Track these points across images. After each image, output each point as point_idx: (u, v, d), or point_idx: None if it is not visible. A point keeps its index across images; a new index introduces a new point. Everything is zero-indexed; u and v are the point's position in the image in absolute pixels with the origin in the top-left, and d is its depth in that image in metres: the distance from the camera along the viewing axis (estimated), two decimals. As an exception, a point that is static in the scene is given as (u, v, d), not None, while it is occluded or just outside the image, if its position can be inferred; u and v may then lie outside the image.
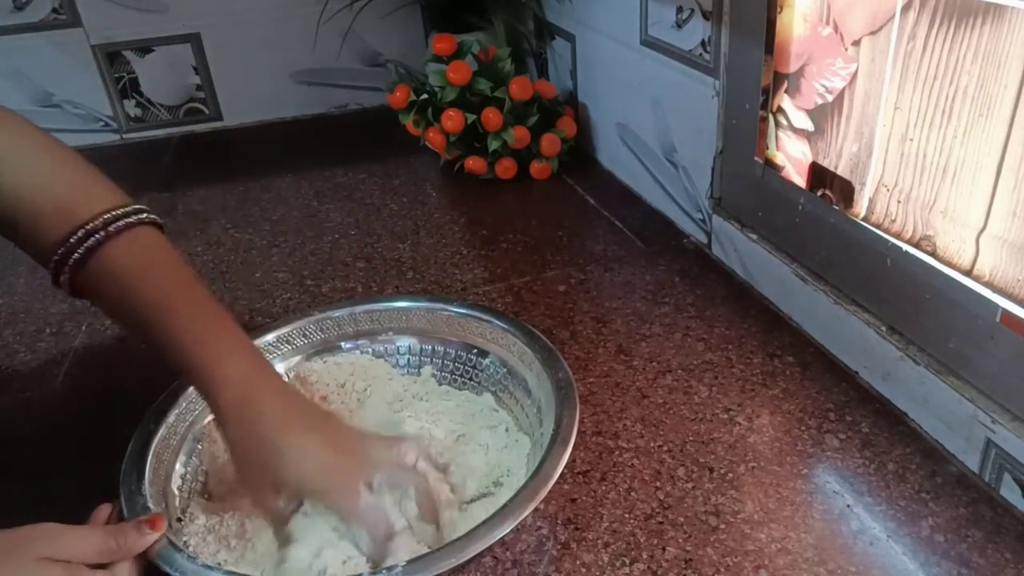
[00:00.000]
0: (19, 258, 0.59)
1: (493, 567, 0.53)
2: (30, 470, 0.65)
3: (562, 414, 0.55)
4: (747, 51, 0.76)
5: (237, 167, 1.24)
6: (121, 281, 0.52)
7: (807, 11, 0.67)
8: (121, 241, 0.52)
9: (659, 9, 0.89)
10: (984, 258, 0.55)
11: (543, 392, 0.59)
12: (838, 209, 0.68)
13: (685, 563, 0.52)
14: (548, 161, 1.11)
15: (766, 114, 0.75)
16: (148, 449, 0.55)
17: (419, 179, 1.16)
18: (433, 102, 1.12)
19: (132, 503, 0.51)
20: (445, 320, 0.68)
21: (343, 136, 1.38)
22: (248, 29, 1.38)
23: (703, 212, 0.90)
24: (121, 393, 0.57)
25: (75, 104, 1.37)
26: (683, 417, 0.65)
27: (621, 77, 1.03)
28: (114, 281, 0.52)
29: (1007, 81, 0.50)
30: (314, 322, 0.68)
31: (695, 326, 0.77)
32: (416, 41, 1.44)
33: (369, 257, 0.94)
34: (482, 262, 0.91)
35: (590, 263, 0.89)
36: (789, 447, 0.61)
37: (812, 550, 0.52)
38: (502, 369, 0.65)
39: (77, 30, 1.32)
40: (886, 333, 0.65)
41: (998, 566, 0.50)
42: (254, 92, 1.43)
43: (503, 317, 0.66)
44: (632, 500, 0.57)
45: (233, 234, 1.03)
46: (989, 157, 0.52)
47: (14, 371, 0.77)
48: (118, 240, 0.52)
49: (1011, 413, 0.55)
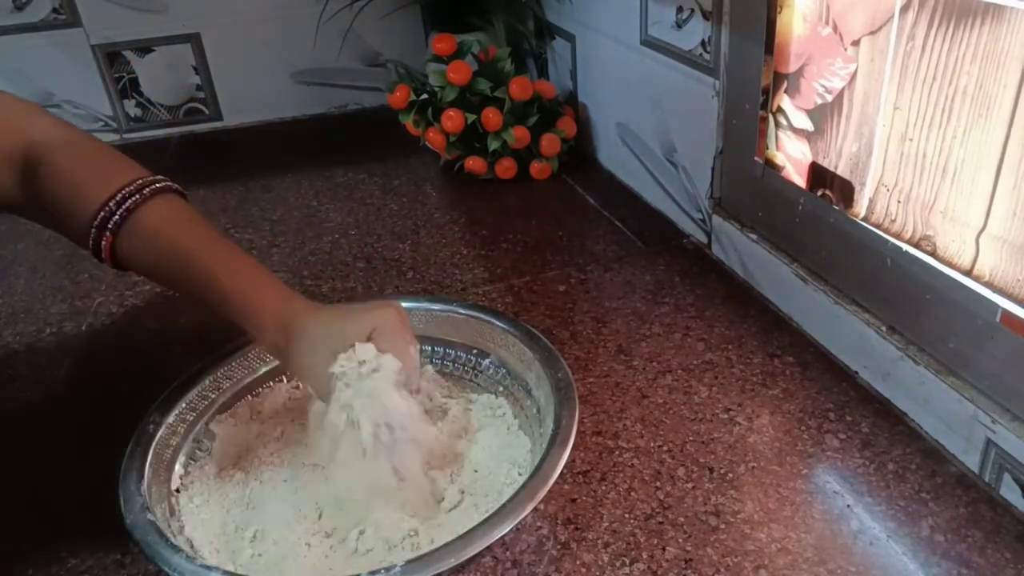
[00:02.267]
0: (19, 258, 0.59)
1: (493, 567, 0.53)
2: (30, 470, 0.65)
3: (561, 414, 0.55)
4: (747, 51, 0.76)
5: (237, 167, 1.24)
6: (157, 236, 0.56)
7: (807, 11, 0.67)
8: (154, 203, 0.57)
9: (659, 9, 0.89)
10: (984, 258, 0.55)
11: (543, 392, 0.59)
12: (838, 209, 0.68)
13: (685, 563, 0.52)
14: (548, 161, 1.11)
15: (766, 114, 0.75)
16: (148, 449, 0.55)
17: (419, 179, 1.16)
18: (433, 102, 1.12)
19: (132, 503, 0.51)
20: (445, 320, 0.68)
21: (343, 136, 1.38)
22: (248, 29, 1.38)
23: (703, 212, 0.90)
24: (121, 393, 0.57)
25: (75, 104, 1.37)
26: (683, 417, 0.65)
27: (621, 77, 1.03)
28: (150, 237, 0.56)
29: (1006, 81, 0.50)
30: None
31: (695, 326, 0.77)
32: (416, 41, 1.44)
33: (369, 257, 0.94)
34: (482, 262, 0.91)
35: (590, 263, 0.89)
36: (789, 447, 0.61)
37: (812, 550, 0.52)
38: (502, 369, 0.65)
39: (77, 30, 1.32)
40: (886, 333, 0.65)
41: (998, 566, 0.50)
42: (254, 92, 1.43)
43: (503, 317, 0.66)
44: (632, 500, 0.57)
45: (233, 234, 1.03)
46: (988, 157, 0.52)
47: (14, 371, 0.77)
48: (152, 202, 0.57)
49: (1011, 413, 0.55)
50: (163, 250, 0.56)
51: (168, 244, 0.56)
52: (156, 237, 0.56)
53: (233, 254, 0.58)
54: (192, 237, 0.57)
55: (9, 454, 0.67)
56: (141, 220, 0.56)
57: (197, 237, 0.57)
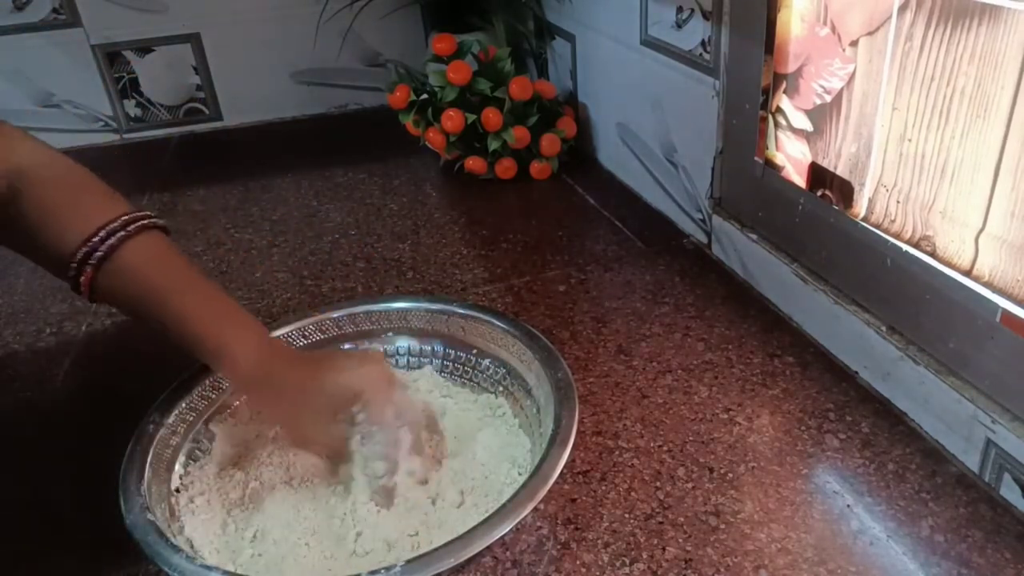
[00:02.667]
0: (19, 258, 0.59)
1: (493, 567, 0.53)
2: (30, 470, 0.65)
3: (561, 414, 0.55)
4: (747, 51, 0.76)
5: (237, 167, 1.24)
6: (138, 274, 0.56)
7: (804, 11, 0.67)
8: (138, 240, 0.56)
9: (659, 9, 0.89)
10: (983, 258, 0.55)
11: (543, 392, 0.59)
12: (838, 209, 0.68)
13: (685, 563, 0.52)
14: (548, 161, 1.11)
15: (766, 114, 0.75)
16: (148, 449, 0.55)
17: (419, 179, 1.16)
18: (433, 102, 1.12)
19: (132, 503, 0.51)
20: (445, 321, 0.68)
21: (343, 136, 1.38)
22: (248, 29, 1.38)
23: (703, 212, 0.90)
24: (121, 393, 0.57)
25: (75, 104, 1.37)
26: (683, 417, 0.65)
27: (621, 77, 1.03)
28: (131, 275, 0.56)
29: (1004, 82, 0.50)
30: (313, 323, 0.68)
31: (695, 326, 0.77)
32: (416, 41, 1.44)
33: (369, 257, 0.94)
34: (482, 262, 0.91)
35: (590, 263, 0.89)
36: (789, 447, 0.61)
37: (812, 550, 0.52)
38: (502, 369, 0.65)
39: (77, 30, 1.32)
40: (886, 333, 0.65)
41: (998, 566, 0.50)
42: (254, 92, 1.43)
43: (503, 317, 0.66)
44: (632, 500, 0.57)
45: (233, 234, 1.03)
46: (987, 157, 0.52)
47: (14, 371, 0.77)
48: (135, 239, 0.56)
49: (1011, 413, 0.55)
50: (142, 288, 0.56)
51: (147, 282, 0.56)
52: (136, 275, 0.56)
53: (210, 295, 0.58)
54: (171, 277, 0.57)
55: (9, 454, 0.67)
56: (123, 257, 0.55)
57: (176, 277, 0.57)
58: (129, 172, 1.29)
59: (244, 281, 0.91)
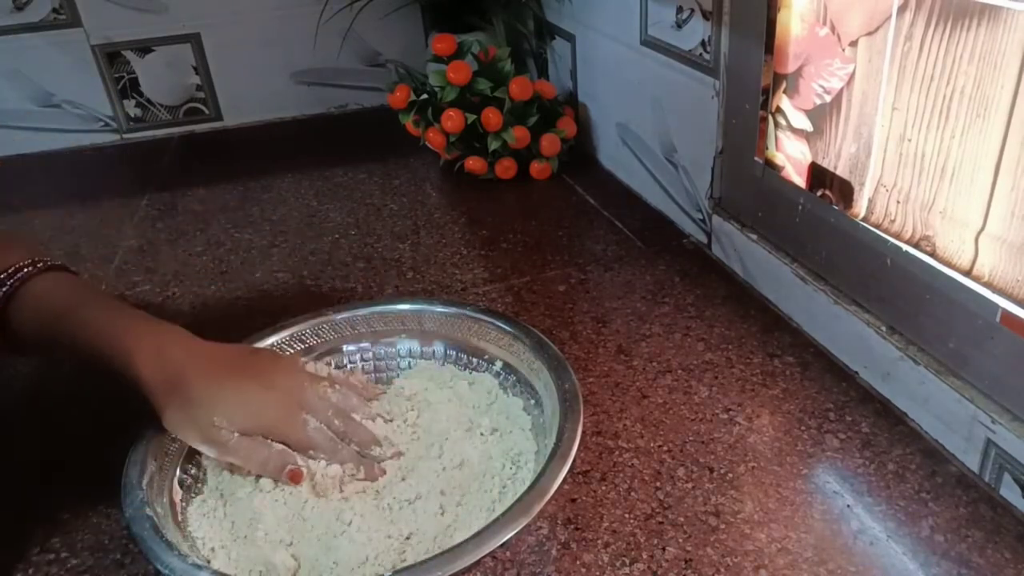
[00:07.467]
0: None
1: (493, 567, 0.53)
2: (30, 470, 0.65)
3: (564, 427, 0.54)
4: (747, 51, 0.76)
5: (237, 167, 1.24)
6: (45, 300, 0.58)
7: (804, 11, 0.67)
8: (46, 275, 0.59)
9: (659, 9, 0.89)
10: (983, 258, 0.55)
11: (550, 401, 0.58)
12: (838, 209, 0.68)
13: (685, 563, 0.52)
14: (548, 161, 1.11)
15: (766, 114, 0.75)
16: (148, 449, 0.55)
17: (419, 179, 1.16)
18: (433, 102, 1.12)
19: (132, 503, 0.51)
20: (446, 322, 0.68)
21: (343, 136, 1.38)
22: (248, 29, 1.38)
23: (703, 212, 0.90)
24: (122, 393, 0.57)
25: (75, 104, 1.37)
26: (683, 417, 0.65)
27: (621, 77, 1.03)
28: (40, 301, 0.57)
29: (1003, 82, 0.50)
30: (311, 326, 0.68)
31: (695, 326, 0.77)
32: (416, 41, 1.44)
33: (369, 257, 0.94)
34: (482, 262, 0.91)
35: (590, 263, 0.89)
36: (789, 447, 0.61)
37: (812, 550, 0.52)
38: (505, 371, 0.65)
39: (77, 30, 1.32)
40: (886, 333, 0.65)
41: (998, 566, 0.51)
42: (254, 92, 1.43)
43: (511, 322, 0.65)
44: (632, 500, 0.57)
45: (233, 234, 1.03)
46: (987, 157, 0.52)
47: (14, 371, 0.77)
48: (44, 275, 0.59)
49: (1011, 413, 0.55)
50: (49, 313, 0.57)
51: (54, 306, 0.57)
52: (43, 301, 0.57)
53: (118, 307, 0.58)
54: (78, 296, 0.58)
55: (9, 454, 0.67)
56: (30, 291, 0.57)
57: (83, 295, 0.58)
58: (129, 172, 1.29)
59: (244, 281, 0.91)
